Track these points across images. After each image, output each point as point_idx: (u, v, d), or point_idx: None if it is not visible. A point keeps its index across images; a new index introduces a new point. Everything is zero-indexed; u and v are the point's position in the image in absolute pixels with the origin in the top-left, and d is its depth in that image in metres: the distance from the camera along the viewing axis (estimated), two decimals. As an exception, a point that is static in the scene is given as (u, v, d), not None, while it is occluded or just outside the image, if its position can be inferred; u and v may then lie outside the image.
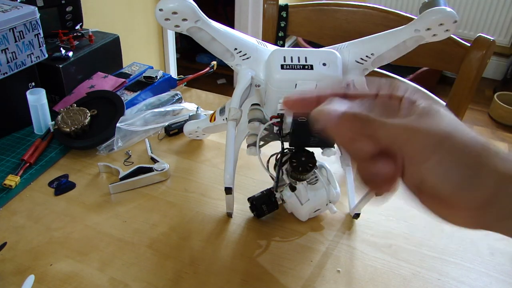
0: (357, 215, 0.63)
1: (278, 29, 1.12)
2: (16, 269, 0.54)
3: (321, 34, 1.10)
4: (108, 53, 0.94)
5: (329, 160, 0.60)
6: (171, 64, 2.02)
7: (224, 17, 2.66)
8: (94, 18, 1.45)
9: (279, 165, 0.56)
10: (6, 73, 0.73)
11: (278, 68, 0.51)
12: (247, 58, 0.56)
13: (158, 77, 0.89)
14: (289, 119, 0.51)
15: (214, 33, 0.54)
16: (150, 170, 0.69)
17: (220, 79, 2.68)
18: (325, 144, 0.55)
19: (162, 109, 0.83)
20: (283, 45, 1.13)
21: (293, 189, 0.57)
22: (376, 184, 0.30)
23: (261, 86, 0.56)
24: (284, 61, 0.51)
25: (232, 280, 0.54)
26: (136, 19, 1.75)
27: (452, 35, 0.61)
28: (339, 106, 0.30)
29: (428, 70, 2.33)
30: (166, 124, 0.80)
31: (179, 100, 0.88)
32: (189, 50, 2.74)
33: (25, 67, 0.76)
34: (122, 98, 0.81)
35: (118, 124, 0.75)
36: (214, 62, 0.96)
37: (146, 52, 1.87)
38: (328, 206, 0.61)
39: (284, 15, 1.10)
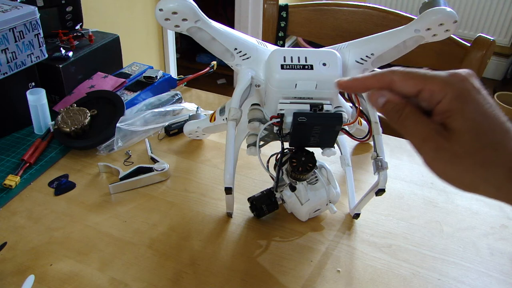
0: (357, 215, 0.63)
1: (278, 29, 1.13)
2: (16, 269, 0.54)
3: (321, 34, 1.10)
4: (108, 53, 0.94)
5: (329, 160, 0.60)
6: (171, 64, 2.02)
7: (224, 17, 2.66)
8: (94, 18, 1.45)
9: (279, 165, 0.56)
10: (6, 73, 0.73)
11: (278, 68, 0.50)
12: (247, 58, 0.56)
13: (158, 77, 0.89)
14: (289, 119, 0.51)
15: (214, 33, 0.54)
16: (150, 170, 0.69)
17: (220, 79, 2.68)
18: (325, 144, 0.55)
19: (162, 109, 0.83)
20: (283, 45, 1.13)
21: (293, 189, 0.57)
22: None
23: (261, 86, 0.56)
24: (284, 61, 0.51)
25: (232, 280, 0.54)
26: (136, 19, 1.75)
27: (452, 35, 0.61)
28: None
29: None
30: (166, 124, 0.80)
31: (179, 100, 0.88)
32: (189, 50, 2.74)
33: (25, 67, 0.76)
34: (122, 98, 0.81)
35: (118, 124, 0.75)
36: (214, 62, 0.96)
37: (146, 52, 1.87)
38: (328, 206, 0.61)
39: (284, 15, 1.11)
